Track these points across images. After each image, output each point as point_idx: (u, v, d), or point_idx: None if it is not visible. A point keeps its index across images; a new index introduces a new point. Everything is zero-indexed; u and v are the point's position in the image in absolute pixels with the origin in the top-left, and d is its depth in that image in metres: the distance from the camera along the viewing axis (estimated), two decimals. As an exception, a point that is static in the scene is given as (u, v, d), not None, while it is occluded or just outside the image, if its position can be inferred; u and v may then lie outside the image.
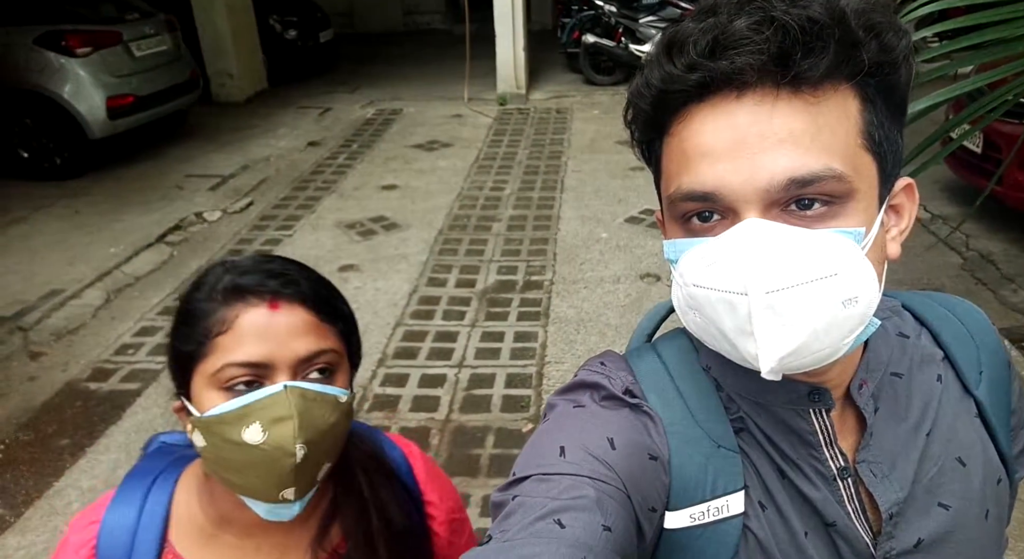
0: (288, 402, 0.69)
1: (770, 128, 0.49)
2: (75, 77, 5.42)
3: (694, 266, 0.54)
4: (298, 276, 0.74)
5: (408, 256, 4.27)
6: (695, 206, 0.53)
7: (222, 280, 0.73)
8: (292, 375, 0.71)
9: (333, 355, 0.74)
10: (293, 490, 0.71)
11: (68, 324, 3.69)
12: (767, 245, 0.49)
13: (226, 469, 0.72)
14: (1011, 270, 3.66)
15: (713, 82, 0.50)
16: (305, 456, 0.68)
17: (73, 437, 2.89)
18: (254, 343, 0.69)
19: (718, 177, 0.51)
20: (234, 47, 7.70)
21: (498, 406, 2.96)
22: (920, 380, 0.63)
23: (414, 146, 6.32)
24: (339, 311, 0.77)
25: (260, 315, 0.70)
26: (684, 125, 0.53)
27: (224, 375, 0.69)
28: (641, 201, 4.85)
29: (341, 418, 0.74)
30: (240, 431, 0.68)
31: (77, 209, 5.06)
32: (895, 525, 0.59)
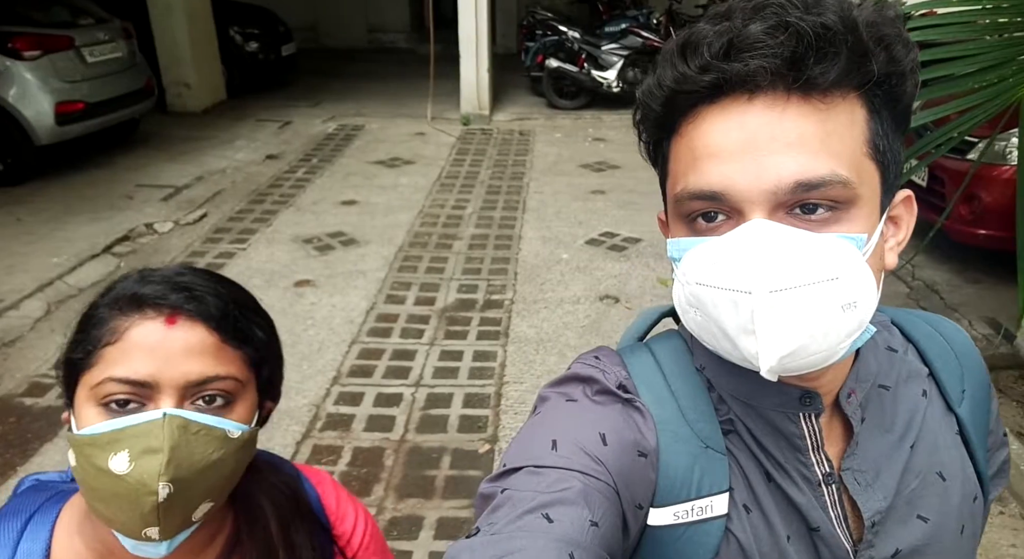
0: (162, 433, 0.62)
1: (780, 131, 0.50)
2: (21, 81, 5.23)
3: (698, 264, 0.54)
4: (207, 292, 0.68)
5: (366, 272, 4.20)
6: (701, 205, 0.54)
7: (124, 288, 0.68)
8: (179, 400, 0.64)
9: (232, 383, 0.67)
10: (157, 530, 0.63)
11: (4, 336, 3.51)
12: (773, 245, 0.50)
13: (92, 495, 0.65)
14: (955, 300, 3.80)
15: (726, 84, 0.51)
16: (169, 496, 0.62)
17: (4, 455, 2.73)
18: (141, 359, 0.63)
19: (726, 177, 0.51)
20: (192, 57, 7.55)
21: (455, 426, 2.91)
22: (906, 394, 0.64)
23: (376, 162, 6.27)
24: (249, 336, 0.70)
25: (154, 329, 0.65)
26: (694, 126, 0.54)
27: (103, 390, 0.64)
28: (601, 224, 4.89)
29: (231, 455, 0.66)
30: (108, 457, 0.62)
31: (19, 217, 4.85)
32: (876, 534, 0.60)
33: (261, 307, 0.76)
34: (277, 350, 0.76)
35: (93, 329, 0.66)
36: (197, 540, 0.72)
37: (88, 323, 0.67)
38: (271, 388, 0.76)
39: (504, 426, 2.90)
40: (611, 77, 7.85)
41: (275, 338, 0.76)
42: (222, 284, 0.72)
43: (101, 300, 0.69)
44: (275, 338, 0.76)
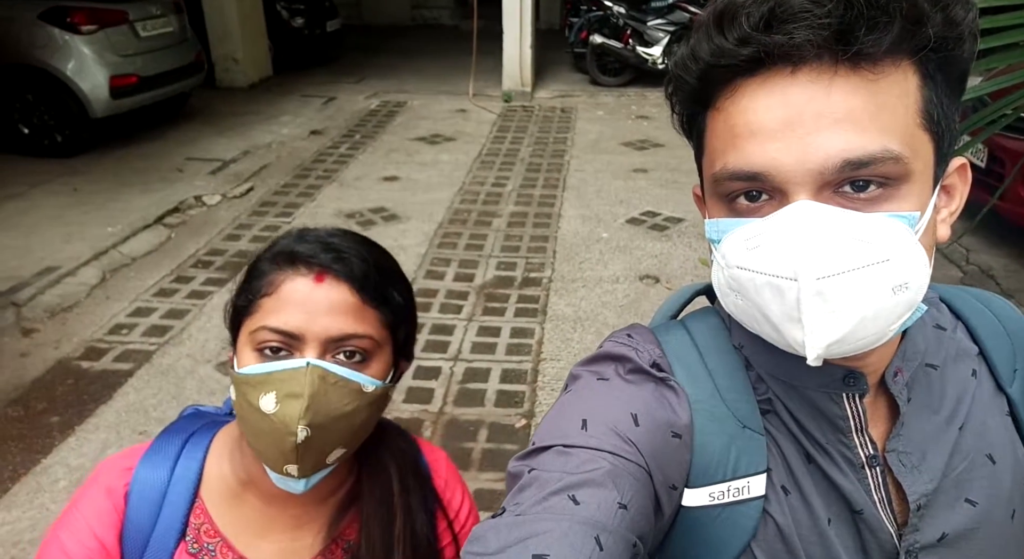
0: (304, 380, 0.68)
1: (827, 106, 0.47)
2: (79, 54, 5.38)
3: (739, 248, 0.52)
4: (354, 255, 0.73)
5: (407, 248, 4.25)
6: (741, 186, 0.51)
7: (284, 245, 0.74)
8: (321, 352, 0.70)
9: (368, 341, 0.72)
10: (296, 467, 0.70)
11: (62, 302, 3.66)
12: (819, 229, 0.47)
13: (247, 428, 0.72)
14: (1010, 285, 3.67)
15: (767, 57, 0.48)
16: (307, 438, 0.67)
17: (63, 415, 2.87)
18: (291, 312, 0.69)
19: (768, 157, 0.49)
20: (240, 32, 7.66)
21: (492, 401, 2.94)
22: (954, 373, 0.62)
23: (417, 139, 6.30)
24: (388, 298, 0.74)
25: (304, 285, 0.70)
26: (732, 101, 0.51)
27: (259, 336, 0.70)
28: (643, 203, 4.84)
29: (364, 407, 0.72)
30: (259, 396, 0.68)
31: (76, 187, 5.03)
32: (921, 517, 0.58)
33: (402, 273, 0.80)
34: (413, 314, 0.80)
35: (255, 280, 0.73)
36: (322, 488, 0.78)
37: (251, 274, 0.74)
38: (405, 349, 0.80)
39: (540, 402, 2.92)
40: (656, 53, 7.70)
41: (412, 303, 0.80)
42: (369, 248, 0.76)
43: (264, 254, 0.75)
44: (412, 303, 0.80)
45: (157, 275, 3.93)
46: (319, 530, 0.79)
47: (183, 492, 0.77)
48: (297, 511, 0.79)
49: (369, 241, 0.78)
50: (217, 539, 0.78)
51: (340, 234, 0.76)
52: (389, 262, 0.78)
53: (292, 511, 0.79)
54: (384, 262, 0.77)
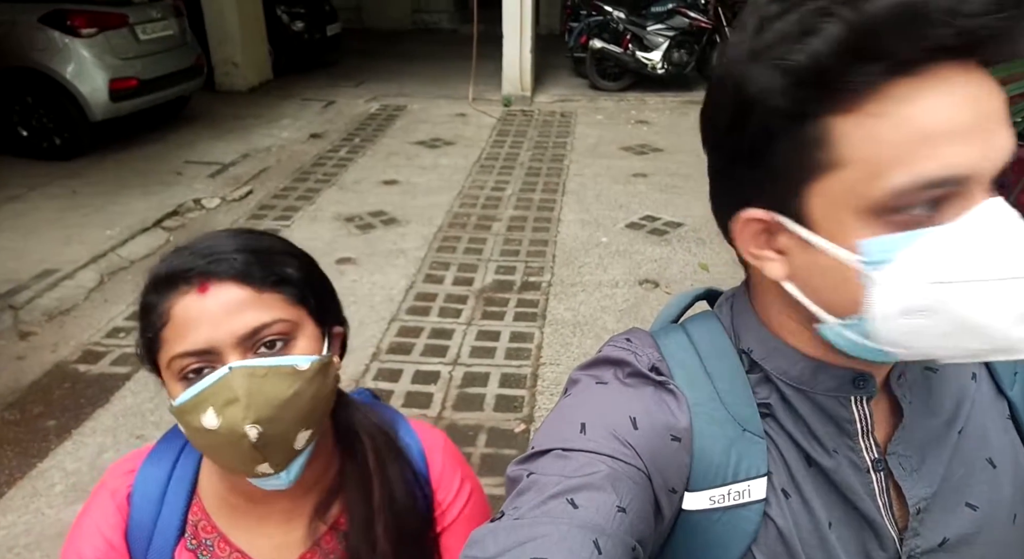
0: (234, 384, 0.67)
1: (999, 103, 0.47)
2: (78, 57, 5.37)
3: (937, 260, 0.46)
4: (228, 251, 0.71)
5: (406, 251, 4.24)
6: (933, 194, 0.46)
7: (157, 271, 0.72)
8: (240, 354, 0.68)
9: (283, 324, 0.71)
10: (267, 465, 0.70)
11: (60, 304, 3.65)
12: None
13: (206, 452, 0.73)
14: None
15: (961, 48, 0.44)
16: (261, 434, 0.67)
17: (59, 419, 2.86)
18: (192, 331, 0.68)
19: (971, 158, 0.45)
20: (240, 36, 7.67)
21: (491, 405, 2.93)
22: (954, 376, 0.61)
23: (417, 143, 6.30)
24: (283, 277, 0.72)
25: (191, 301, 0.68)
26: (896, 100, 0.45)
27: (176, 365, 0.69)
28: (642, 207, 4.84)
29: (305, 385, 0.71)
30: (200, 417, 0.68)
31: (74, 190, 5.02)
32: (921, 522, 0.58)
33: (291, 247, 0.78)
34: (318, 281, 0.78)
35: (148, 317, 0.71)
36: (307, 476, 0.77)
37: (144, 313, 0.72)
38: (328, 315, 0.78)
39: (540, 407, 2.92)
40: (656, 58, 7.71)
41: (313, 270, 0.78)
42: (242, 238, 0.74)
43: (146, 289, 0.73)
44: (313, 270, 0.78)
45: (155, 278, 3.92)
46: (310, 521, 0.80)
47: (181, 491, 0.79)
48: (285, 505, 0.80)
49: (242, 230, 0.77)
50: (214, 535, 0.79)
51: (210, 236, 0.74)
52: (271, 242, 0.76)
53: (280, 506, 0.80)
54: (265, 244, 0.75)
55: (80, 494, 2.48)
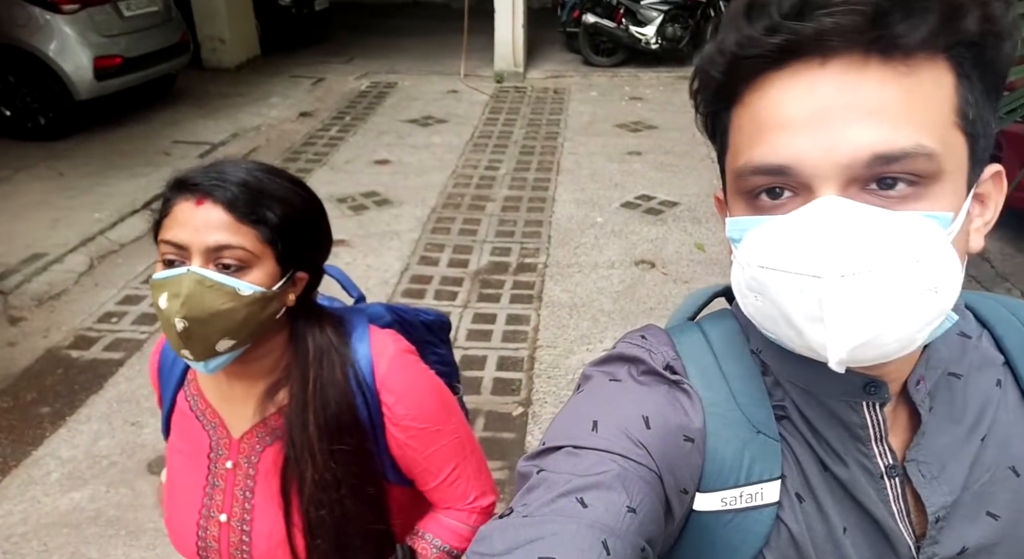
0: (182, 283, 0.84)
1: (857, 97, 0.45)
2: (61, 34, 5.25)
3: (761, 246, 0.50)
4: (231, 181, 0.86)
5: (400, 233, 4.21)
6: (765, 181, 0.50)
7: (178, 174, 0.89)
8: (204, 262, 0.84)
9: (243, 252, 0.85)
10: (189, 352, 0.86)
11: (50, 289, 3.61)
12: (845, 225, 0.45)
13: (160, 322, 0.89)
14: (1006, 268, 3.68)
15: (796, 47, 0.46)
16: (187, 328, 0.84)
17: (53, 405, 2.83)
18: (179, 228, 0.85)
19: (796, 149, 0.47)
20: (226, 12, 7.50)
21: (489, 388, 2.93)
22: (978, 383, 0.60)
23: (408, 121, 6.22)
24: (261, 217, 0.86)
25: (188, 207, 0.85)
26: (759, 94, 0.49)
27: (161, 249, 0.86)
28: (638, 186, 4.81)
29: (241, 306, 0.86)
30: (159, 296, 0.85)
31: (61, 171, 4.94)
32: (940, 530, 0.57)
33: (288, 193, 0.91)
34: (299, 231, 0.91)
35: (162, 204, 0.89)
36: (260, 366, 0.97)
37: (163, 200, 0.89)
38: (298, 261, 0.92)
39: (537, 390, 2.91)
40: (650, 33, 7.61)
41: (296, 222, 0.90)
42: (251, 174, 0.89)
43: (167, 183, 0.89)
44: (296, 222, 0.90)
45: (147, 261, 3.88)
46: (261, 402, 0.98)
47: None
48: (246, 385, 0.98)
49: (259, 166, 0.91)
50: (197, 393, 1.02)
51: (230, 163, 0.89)
52: (272, 185, 0.89)
53: (242, 384, 0.98)
54: (264, 185, 0.88)
55: (76, 481, 2.47)
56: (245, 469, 1.00)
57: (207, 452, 1.01)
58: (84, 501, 2.41)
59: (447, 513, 1.07)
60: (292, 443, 0.95)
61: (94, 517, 2.35)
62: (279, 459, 0.97)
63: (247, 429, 0.99)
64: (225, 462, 1.00)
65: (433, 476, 1.04)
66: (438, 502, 1.08)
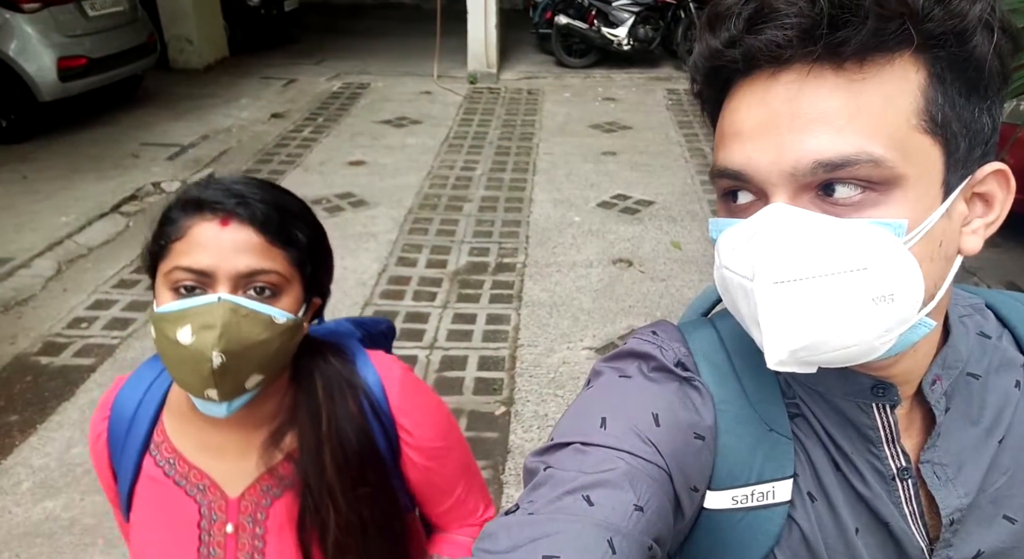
0: (217, 313, 0.74)
1: (801, 107, 0.46)
2: (22, 34, 5.11)
3: (726, 247, 0.52)
4: (257, 199, 0.78)
5: (377, 234, 4.18)
6: (729, 184, 0.52)
7: (191, 193, 0.79)
8: (232, 288, 0.76)
9: (276, 276, 0.78)
10: (216, 391, 0.76)
11: (17, 295, 3.51)
12: (783, 232, 0.46)
13: (167, 361, 0.79)
14: (973, 263, 3.77)
15: (752, 58, 0.48)
16: (222, 364, 0.74)
17: (23, 413, 2.75)
18: (201, 252, 0.75)
19: (746, 156, 0.49)
20: (194, 12, 7.38)
21: (470, 388, 2.92)
22: (997, 384, 0.59)
23: (382, 122, 6.18)
24: (292, 237, 0.80)
25: (211, 228, 0.76)
26: (728, 101, 0.52)
27: (173, 276, 0.76)
28: (613, 186, 4.84)
29: (275, 337, 0.78)
30: (176, 330, 0.75)
31: (25, 174, 4.80)
32: (955, 533, 0.56)
33: (309, 215, 0.85)
34: (322, 253, 0.86)
35: (166, 226, 0.79)
36: (261, 412, 0.87)
37: (163, 221, 0.80)
38: (317, 285, 0.86)
39: (519, 388, 2.91)
40: (622, 34, 7.67)
41: (320, 243, 0.85)
42: (272, 192, 0.82)
43: (173, 202, 0.81)
44: (320, 243, 0.85)
45: (116, 266, 3.79)
46: (264, 449, 0.88)
47: (148, 411, 0.88)
48: (242, 435, 0.88)
49: (273, 186, 0.84)
50: (173, 455, 0.89)
51: (244, 182, 0.81)
52: (295, 205, 0.84)
53: (237, 435, 0.88)
54: (289, 204, 0.83)
55: (49, 490, 2.40)
56: (251, 530, 0.88)
57: (196, 521, 0.88)
58: (58, 510, 2.34)
59: (459, 532, 1.03)
60: (309, 491, 0.86)
61: (68, 526, 2.28)
62: (293, 510, 0.87)
63: (249, 484, 0.88)
64: (224, 527, 0.88)
65: (448, 496, 0.99)
66: (449, 523, 1.02)
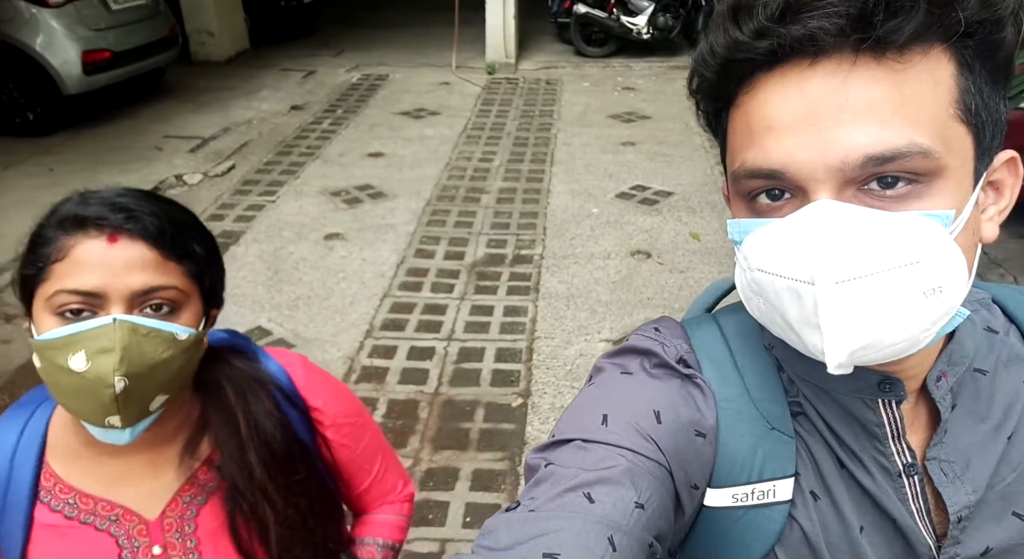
0: (114, 335, 0.70)
1: (846, 98, 0.44)
2: (48, 29, 5.18)
3: (759, 250, 0.50)
4: (145, 212, 0.74)
5: (395, 226, 4.19)
6: (760, 184, 0.49)
7: (68, 209, 0.74)
8: (127, 308, 0.71)
9: (175, 292, 0.74)
10: (119, 418, 0.72)
11: (43, 287, 3.58)
12: (838, 230, 0.45)
13: (58, 391, 0.73)
14: (1000, 255, 3.70)
15: (784, 49, 0.46)
16: (125, 388, 0.70)
17: (50, 403, 2.81)
18: (88, 273, 0.70)
19: (785, 153, 0.46)
20: (215, 5, 7.43)
21: (488, 380, 2.93)
22: (1005, 380, 0.58)
23: (401, 113, 6.19)
24: (188, 250, 0.76)
25: (97, 247, 0.71)
26: (751, 96, 0.49)
27: (57, 300, 0.71)
28: (632, 177, 4.80)
29: (178, 354, 0.74)
30: (67, 357, 0.70)
31: (50, 167, 4.89)
32: (962, 530, 0.56)
33: (200, 224, 0.82)
34: (217, 263, 0.83)
35: (42, 248, 0.73)
36: (166, 429, 0.82)
37: (37, 242, 0.74)
38: (214, 296, 0.83)
39: (536, 380, 2.92)
40: (641, 23, 7.59)
41: (214, 252, 0.82)
42: (159, 204, 0.77)
43: (47, 221, 0.74)
44: (214, 252, 0.82)
45: (140, 257, 3.85)
46: (178, 464, 0.84)
47: (28, 457, 0.81)
48: (150, 455, 0.83)
49: (159, 197, 0.79)
50: (72, 493, 0.81)
51: (127, 193, 0.76)
52: (185, 215, 0.80)
53: (144, 456, 0.83)
54: (179, 216, 0.78)
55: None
56: (181, 545, 0.84)
57: (116, 554, 0.82)
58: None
59: (380, 511, 1.03)
60: (239, 493, 0.84)
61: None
62: (222, 514, 0.85)
63: (168, 501, 0.84)
64: (151, 550, 0.83)
65: (367, 473, 0.98)
66: (370, 503, 1.02)
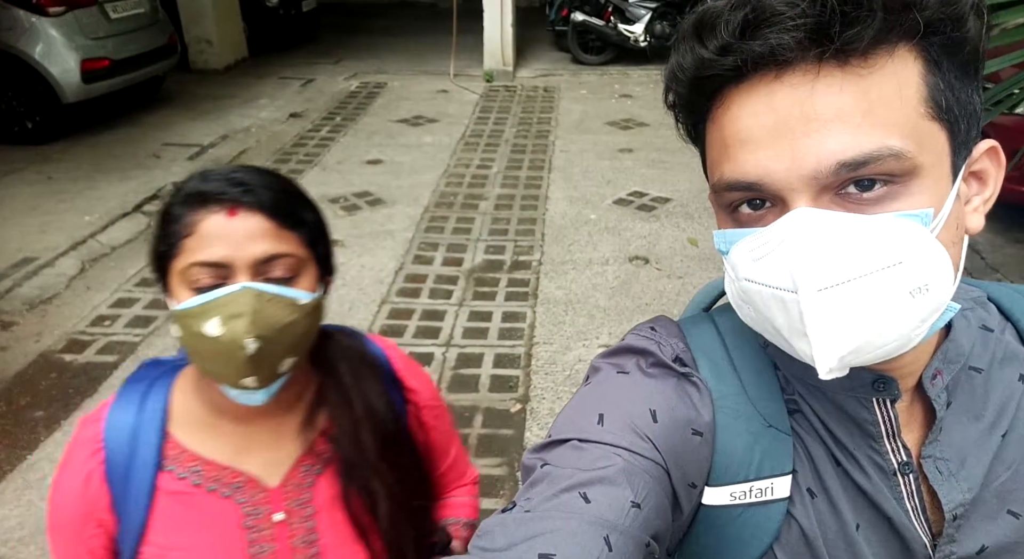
0: (243, 300, 0.74)
1: (813, 109, 0.45)
2: (47, 37, 5.20)
3: (744, 259, 0.50)
4: (260, 185, 0.78)
5: (394, 233, 4.20)
6: (740, 195, 0.50)
7: (191, 186, 0.78)
8: (251, 276, 0.76)
9: (292, 259, 0.78)
10: (254, 379, 0.77)
11: (41, 293, 3.58)
12: (817, 237, 0.45)
13: (196, 356, 0.79)
14: (996, 260, 3.72)
15: (749, 64, 0.46)
16: (258, 349, 0.74)
17: (47, 409, 2.81)
18: (215, 245, 0.75)
19: (760, 165, 0.47)
20: (214, 13, 7.46)
21: (486, 386, 2.93)
22: (1000, 378, 0.58)
23: (399, 120, 6.21)
24: (300, 219, 0.81)
25: (218, 220, 0.75)
26: (723, 110, 0.50)
27: (191, 274, 0.75)
28: (630, 183, 4.82)
29: (301, 318, 0.79)
30: (203, 324, 0.74)
31: (50, 175, 4.89)
32: (958, 528, 0.56)
33: (308, 197, 0.86)
34: (326, 232, 0.87)
35: (172, 225, 0.78)
36: (288, 398, 0.87)
37: (167, 220, 0.79)
38: (327, 264, 0.87)
39: (535, 386, 2.92)
40: (638, 31, 7.63)
41: (323, 223, 0.86)
42: (272, 178, 0.82)
43: (173, 199, 0.80)
44: (323, 223, 0.86)
45: (138, 264, 3.85)
46: (297, 435, 0.88)
47: (151, 428, 0.85)
48: (272, 425, 0.88)
49: (272, 172, 0.84)
50: (197, 462, 0.85)
51: (241, 170, 0.80)
52: (295, 188, 0.84)
53: (267, 426, 0.87)
54: (290, 188, 0.83)
55: (73, 486, 2.45)
56: (301, 512, 0.88)
57: (238, 521, 0.85)
58: (82, 505, 2.39)
59: (454, 495, 1.09)
60: (352, 468, 0.88)
61: (92, 521, 2.33)
62: (336, 485, 0.89)
63: (288, 469, 0.88)
64: (271, 517, 0.86)
65: (447, 455, 1.04)
66: (446, 485, 1.08)
